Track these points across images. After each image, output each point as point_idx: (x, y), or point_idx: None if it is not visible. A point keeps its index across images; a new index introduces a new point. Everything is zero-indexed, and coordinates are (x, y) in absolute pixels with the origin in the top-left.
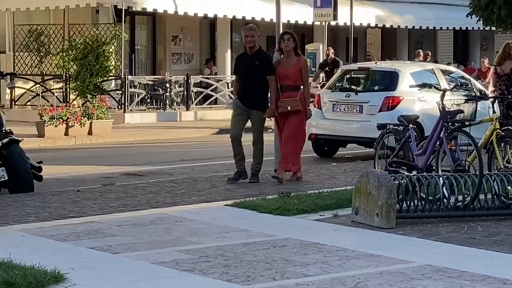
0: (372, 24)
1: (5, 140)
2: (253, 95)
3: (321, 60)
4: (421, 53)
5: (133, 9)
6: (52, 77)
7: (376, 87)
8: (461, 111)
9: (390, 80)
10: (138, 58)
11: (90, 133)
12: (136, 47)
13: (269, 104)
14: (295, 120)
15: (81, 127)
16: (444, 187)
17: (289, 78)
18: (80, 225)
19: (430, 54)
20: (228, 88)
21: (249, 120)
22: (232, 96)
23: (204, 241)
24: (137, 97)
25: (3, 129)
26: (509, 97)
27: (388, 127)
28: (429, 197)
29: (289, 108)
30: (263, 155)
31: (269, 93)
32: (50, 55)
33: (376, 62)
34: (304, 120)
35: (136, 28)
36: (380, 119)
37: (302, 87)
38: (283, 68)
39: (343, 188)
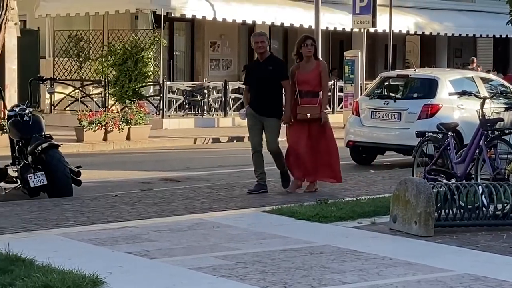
0: (411, 31)
1: (44, 145)
2: (268, 102)
3: (359, 67)
4: (475, 61)
5: (172, 15)
6: (91, 82)
7: (415, 95)
8: (501, 119)
9: (429, 87)
10: (177, 64)
11: (128, 138)
12: (174, 53)
13: (283, 110)
14: (323, 129)
15: (120, 132)
16: (483, 196)
17: (309, 84)
18: (118, 229)
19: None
20: None
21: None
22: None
23: (241, 247)
24: (175, 103)
25: (43, 133)
26: None
27: (427, 135)
28: (468, 206)
29: (308, 116)
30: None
31: (283, 100)
32: (90, 60)
33: (415, 70)
34: (330, 126)
35: (175, 34)
36: (419, 126)
37: (321, 92)
38: (302, 74)
39: (381, 195)
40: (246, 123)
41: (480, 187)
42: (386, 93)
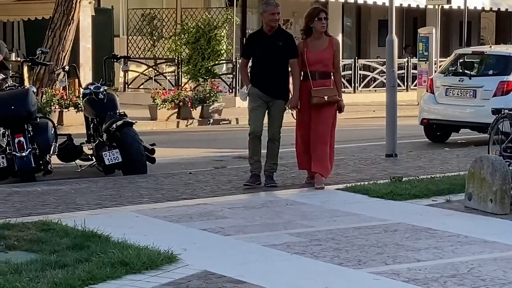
0: (487, 8)
1: (119, 123)
2: (276, 81)
3: (434, 45)
4: None
5: None
6: (164, 60)
7: (491, 72)
8: None
9: (505, 64)
10: None
11: (202, 116)
12: (247, 31)
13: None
14: (330, 114)
15: (193, 110)
16: None
17: (322, 63)
18: (193, 207)
19: None
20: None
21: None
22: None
23: (315, 225)
24: None
25: (117, 111)
26: None
27: (503, 112)
28: None
29: (326, 99)
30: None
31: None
32: (163, 39)
33: (490, 46)
34: (337, 115)
35: (248, 12)
36: (495, 104)
37: (332, 74)
38: (314, 52)
39: (455, 173)
40: (247, 105)
41: None
42: (461, 70)
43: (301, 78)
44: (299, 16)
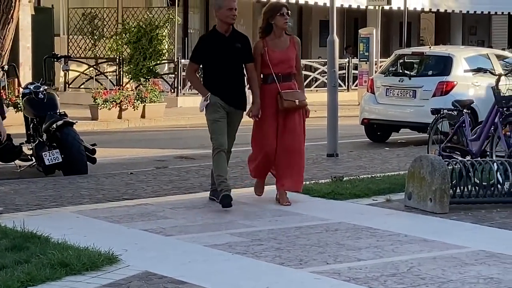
0: (426, 9)
1: (59, 123)
2: (237, 89)
3: (374, 45)
4: None
5: None
6: (105, 60)
7: (430, 72)
8: None
9: (444, 65)
10: (191, 42)
11: (143, 116)
12: (189, 31)
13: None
14: (300, 121)
15: (134, 110)
16: (498, 173)
17: (287, 64)
18: (134, 207)
19: None
20: None
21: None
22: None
23: (256, 225)
24: None
25: (58, 111)
26: None
27: (442, 112)
28: (483, 183)
29: (297, 103)
30: None
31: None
32: (104, 38)
33: (430, 47)
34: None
35: (189, 11)
36: (434, 104)
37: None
38: (277, 52)
39: (396, 172)
40: (207, 115)
41: (495, 164)
42: (401, 71)
43: (263, 81)
44: (240, 16)
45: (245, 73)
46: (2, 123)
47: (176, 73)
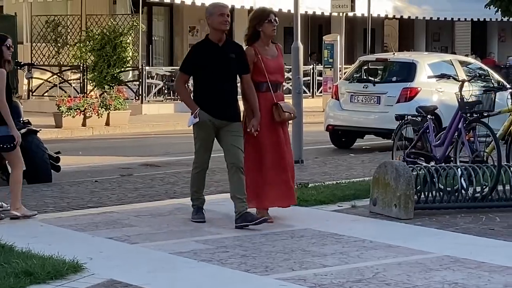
0: (390, 15)
1: (23, 131)
2: (230, 103)
3: (338, 52)
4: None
5: (150, 0)
6: (69, 67)
7: (394, 78)
8: (480, 102)
9: (408, 71)
10: (156, 49)
11: (107, 124)
12: (153, 38)
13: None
14: (287, 133)
15: (99, 117)
16: (462, 178)
17: (281, 73)
18: (99, 215)
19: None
20: None
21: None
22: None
23: (222, 232)
24: (155, 88)
25: (21, 119)
26: None
27: (406, 118)
28: (447, 188)
29: (292, 115)
30: None
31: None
32: (68, 45)
33: (393, 53)
34: None
35: (153, 19)
36: (398, 110)
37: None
38: (271, 60)
39: (361, 179)
40: (196, 133)
41: (459, 169)
42: (365, 77)
43: (257, 89)
44: (205, 23)
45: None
46: (14, 127)
47: (140, 80)
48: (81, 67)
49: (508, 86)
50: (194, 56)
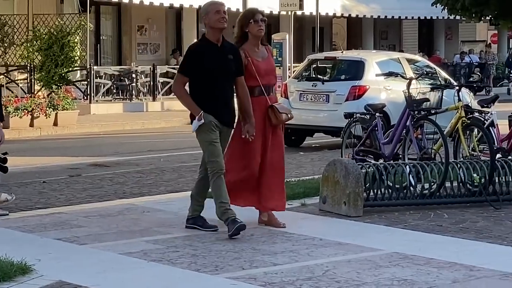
0: (338, 14)
1: None
2: (230, 106)
3: (287, 50)
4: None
5: None
6: (16, 67)
7: (343, 77)
8: (427, 100)
9: (356, 69)
10: (104, 48)
11: (55, 124)
12: (101, 38)
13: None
14: (281, 136)
15: (47, 118)
16: (410, 175)
17: (272, 75)
18: (47, 216)
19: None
20: None
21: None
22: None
23: (172, 231)
24: (103, 88)
25: None
26: (474, 85)
27: (355, 116)
28: (396, 185)
29: (289, 116)
30: None
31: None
32: (14, 45)
33: (342, 52)
34: None
35: (101, 18)
36: (347, 108)
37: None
38: (261, 62)
39: (310, 177)
40: (203, 137)
41: (407, 167)
42: (314, 75)
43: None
44: (153, 22)
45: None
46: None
47: (88, 80)
48: (28, 67)
49: (455, 83)
50: (194, 58)
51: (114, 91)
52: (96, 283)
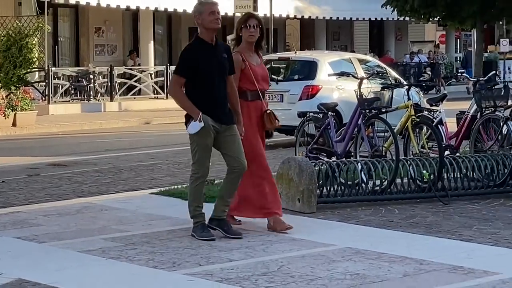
0: (291, 15)
1: None
2: (226, 104)
3: None
4: None
5: (56, 1)
6: None
7: (296, 77)
8: (378, 99)
9: (309, 69)
10: (62, 50)
11: (14, 124)
12: (59, 39)
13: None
14: (264, 140)
15: (5, 118)
16: (362, 172)
17: (267, 80)
18: (6, 215)
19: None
20: (152, 78)
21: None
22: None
23: (130, 229)
24: (61, 89)
25: None
26: (423, 84)
27: (308, 115)
28: (348, 182)
29: (278, 123)
30: None
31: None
32: None
33: (295, 52)
34: None
35: (59, 20)
36: (300, 107)
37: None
38: (257, 67)
39: None
40: (200, 139)
41: (359, 164)
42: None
43: (244, 98)
44: (110, 24)
45: None
46: None
47: (47, 81)
48: None
49: (405, 83)
50: (190, 58)
51: (72, 92)
52: (55, 281)
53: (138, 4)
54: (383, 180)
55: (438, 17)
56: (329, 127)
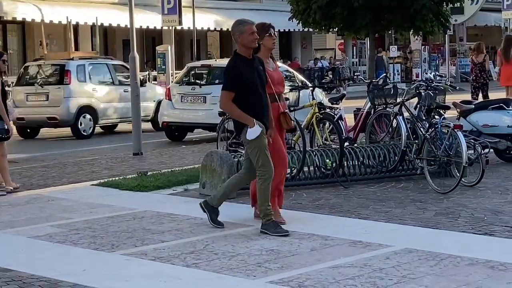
0: (212, 28)
1: None
2: (268, 110)
3: (169, 59)
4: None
5: (5, 18)
6: None
7: (217, 81)
8: (287, 99)
9: None
10: (10, 62)
11: None
12: (9, 52)
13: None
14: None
15: None
16: None
17: (282, 84)
18: None
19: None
20: None
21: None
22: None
23: (73, 216)
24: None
25: None
26: (325, 86)
27: (227, 114)
28: None
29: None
30: None
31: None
32: None
33: (216, 60)
34: None
35: (8, 35)
36: None
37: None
38: (273, 72)
39: (192, 166)
40: (258, 143)
41: None
42: (193, 80)
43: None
44: (53, 37)
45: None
46: (9, 122)
47: None
48: None
49: (309, 85)
50: (236, 73)
51: None
52: (7, 264)
53: (78, 20)
54: (293, 168)
55: (337, 28)
56: None
